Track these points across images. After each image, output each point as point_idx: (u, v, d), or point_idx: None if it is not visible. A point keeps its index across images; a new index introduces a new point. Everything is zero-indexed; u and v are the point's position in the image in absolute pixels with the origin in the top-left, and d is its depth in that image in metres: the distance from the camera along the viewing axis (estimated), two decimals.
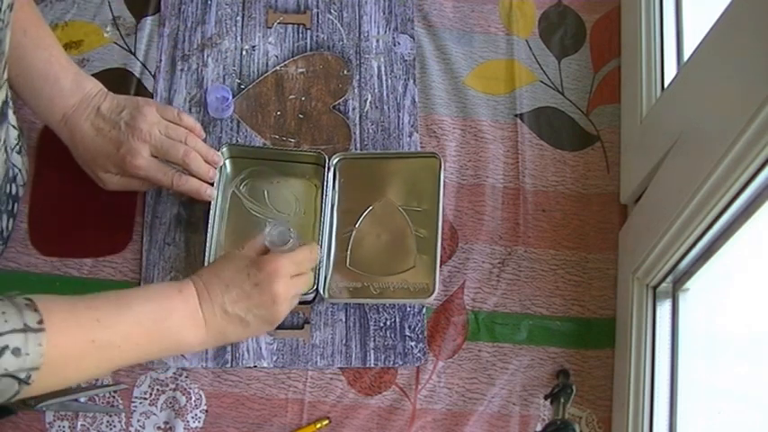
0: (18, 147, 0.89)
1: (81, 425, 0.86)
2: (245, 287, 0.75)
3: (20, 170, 0.90)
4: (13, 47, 0.78)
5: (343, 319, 0.91)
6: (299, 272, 0.80)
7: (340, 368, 0.90)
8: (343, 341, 0.90)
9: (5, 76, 0.76)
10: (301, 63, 1.00)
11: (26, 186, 0.92)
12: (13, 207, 0.89)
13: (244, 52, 1.00)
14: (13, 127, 0.86)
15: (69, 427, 0.86)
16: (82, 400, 0.87)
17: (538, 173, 0.97)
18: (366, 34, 1.02)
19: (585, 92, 1.01)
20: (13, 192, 0.89)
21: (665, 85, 0.92)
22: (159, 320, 0.72)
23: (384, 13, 1.03)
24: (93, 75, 0.89)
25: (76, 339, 0.66)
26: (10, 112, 0.83)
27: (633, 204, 0.94)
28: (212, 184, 0.88)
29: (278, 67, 1.00)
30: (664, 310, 0.86)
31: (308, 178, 0.94)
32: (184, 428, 0.87)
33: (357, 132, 0.98)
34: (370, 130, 0.98)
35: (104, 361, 0.70)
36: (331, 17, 1.02)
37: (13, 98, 0.82)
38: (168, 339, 0.73)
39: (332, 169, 0.92)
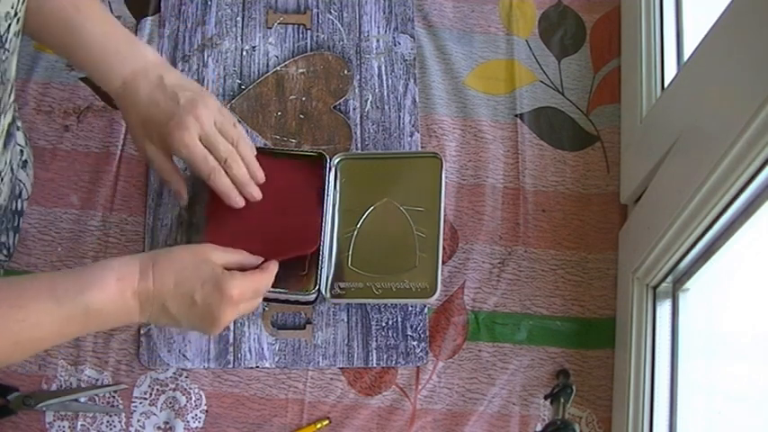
0: (22, 162, 0.89)
1: (81, 425, 0.86)
2: (195, 296, 0.73)
3: (24, 185, 0.90)
4: (66, 21, 0.78)
5: (345, 319, 0.91)
6: (252, 299, 0.78)
7: (340, 368, 0.90)
8: (345, 341, 0.90)
9: (12, 99, 0.75)
10: (302, 63, 1.00)
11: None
12: (18, 222, 0.89)
13: (244, 53, 1.00)
14: (18, 144, 0.86)
15: (69, 427, 0.86)
16: (82, 400, 0.87)
17: (538, 173, 0.98)
18: (366, 34, 1.02)
19: (585, 92, 1.01)
20: (18, 207, 0.89)
21: (665, 85, 0.92)
22: (92, 312, 0.69)
23: (384, 13, 1.03)
24: None
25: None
26: (18, 134, 0.83)
27: (633, 204, 0.94)
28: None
29: (278, 68, 1.00)
30: (664, 310, 0.86)
31: None
32: (184, 428, 0.87)
33: (358, 132, 0.98)
34: (371, 130, 0.98)
35: (30, 352, 0.69)
36: (331, 17, 1.02)
37: (17, 117, 0.81)
38: (98, 327, 0.72)
39: (333, 169, 0.92)
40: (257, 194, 0.85)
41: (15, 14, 0.68)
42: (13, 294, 0.67)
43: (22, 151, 0.89)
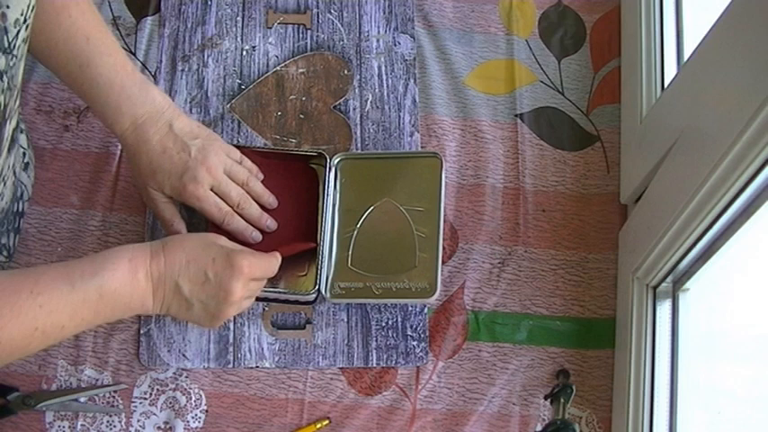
0: (24, 164, 0.89)
1: (81, 425, 0.86)
2: (207, 271, 0.74)
3: (26, 187, 0.90)
4: (76, 54, 0.78)
5: (345, 319, 0.91)
6: (261, 278, 0.80)
7: (340, 368, 0.90)
8: (345, 341, 0.90)
9: (17, 104, 0.76)
10: (302, 63, 1.00)
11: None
12: (18, 224, 0.89)
13: (244, 53, 1.00)
14: (21, 147, 0.86)
15: (69, 427, 0.86)
16: (82, 400, 0.87)
17: (538, 173, 0.98)
18: (366, 34, 1.02)
19: (585, 92, 1.01)
20: (20, 209, 0.89)
21: (665, 85, 0.92)
22: (106, 295, 0.70)
23: (384, 13, 1.03)
24: None
25: (20, 330, 0.66)
26: (20, 136, 0.83)
27: (633, 204, 0.94)
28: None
29: (278, 68, 1.00)
30: (664, 310, 0.86)
31: None
32: (184, 428, 0.87)
33: (358, 132, 0.98)
34: (371, 130, 0.98)
35: (50, 340, 0.69)
36: (331, 17, 1.02)
37: (21, 119, 0.81)
38: (115, 311, 0.72)
39: (333, 169, 0.92)
40: (273, 225, 0.88)
41: (25, 21, 0.68)
42: (31, 281, 0.68)
43: (24, 153, 0.89)
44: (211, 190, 0.83)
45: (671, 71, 0.93)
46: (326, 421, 0.88)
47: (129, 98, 0.80)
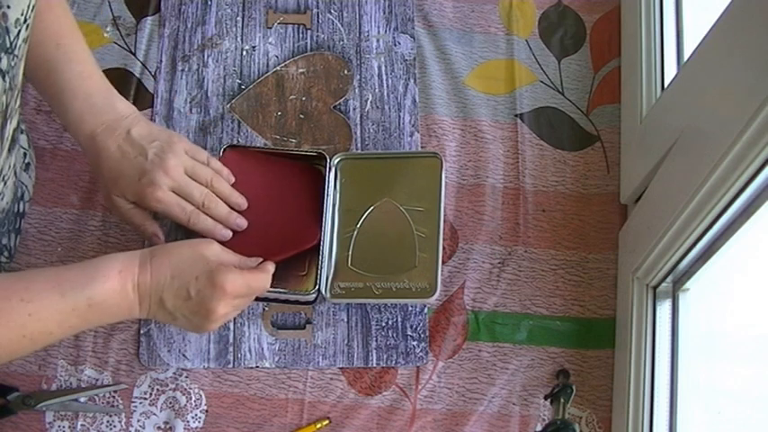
0: (25, 165, 0.89)
1: (81, 425, 0.86)
2: (189, 289, 0.74)
3: (26, 187, 0.90)
4: (45, 60, 0.78)
5: (345, 319, 0.91)
6: (247, 295, 0.79)
7: (340, 368, 0.90)
8: (345, 341, 0.90)
9: (17, 104, 0.76)
10: (302, 63, 1.00)
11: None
12: (19, 224, 0.89)
13: (244, 53, 1.00)
14: (22, 147, 0.86)
15: (69, 427, 0.86)
16: (82, 400, 0.87)
17: (538, 173, 0.98)
18: (366, 34, 1.02)
19: (585, 92, 1.01)
20: (21, 209, 0.89)
21: (665, 85, 0.92)
22: (95, 305, 0.71)
23: (384, 13, 1.03)
24: None
25: (8, 336, 0.66)
26: (21, 137, 0.83)
27: (633, 204, 0.94)
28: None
29: (278, 68, 1.00)
30: (664, 310, 0.86)
31: None
32: (184, 428, 0.87)
33: (358, 132, 0.98)
34: (371, 130, 0.98)
35: (38, 345, 0.70)
36: (331, 17, 1.02)
37: (22, 120, 0.81)
38: (100, 320, 0.73)
39: (333, 169, 0.92)
40: (243, 223, 0.86)
41: (25, 21, 0.68)
42: (21, 288, 0.68)
43: (25, 154, 0.89)
44: (174, 192, 0.82)
45: (671, 71, 0.93)
46: (326, 421, 0.88)
47: (92, 107, 0.80)
